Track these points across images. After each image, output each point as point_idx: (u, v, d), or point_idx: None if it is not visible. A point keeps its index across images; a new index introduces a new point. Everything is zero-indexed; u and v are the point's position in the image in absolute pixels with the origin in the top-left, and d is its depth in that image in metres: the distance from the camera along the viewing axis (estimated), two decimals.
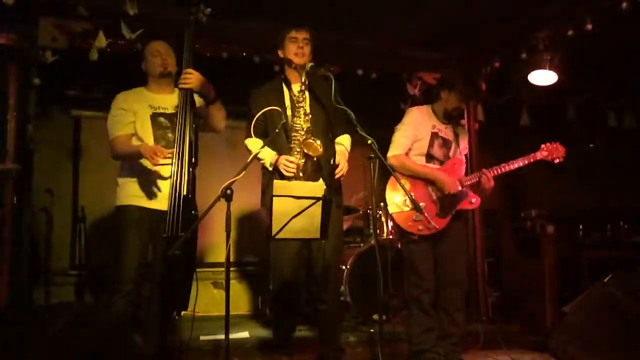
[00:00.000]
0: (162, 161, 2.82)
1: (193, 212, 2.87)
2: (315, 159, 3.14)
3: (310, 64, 3.18)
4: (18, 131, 3.76)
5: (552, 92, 4.86)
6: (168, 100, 3.18)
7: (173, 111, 3.12)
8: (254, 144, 3.28)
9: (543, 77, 4.60)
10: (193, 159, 2.95)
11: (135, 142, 3.08)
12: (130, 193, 3.05)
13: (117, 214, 3.09)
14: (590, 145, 6.06)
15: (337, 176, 3.23)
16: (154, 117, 3.11)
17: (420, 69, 5.09)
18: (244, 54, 4.54)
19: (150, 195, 3.03)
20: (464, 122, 5.03)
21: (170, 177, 2.88)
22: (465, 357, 3.66)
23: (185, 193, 2.85)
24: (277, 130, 3.00)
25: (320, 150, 3.07)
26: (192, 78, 2.99)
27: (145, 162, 2.96)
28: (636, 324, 3.33)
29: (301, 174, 3.12)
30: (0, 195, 3.62)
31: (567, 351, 3.62)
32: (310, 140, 3.09)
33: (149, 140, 3.06)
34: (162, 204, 2.98)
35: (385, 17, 4.30)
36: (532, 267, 4.85)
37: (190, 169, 2.92)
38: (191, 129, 2.96)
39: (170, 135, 3.08)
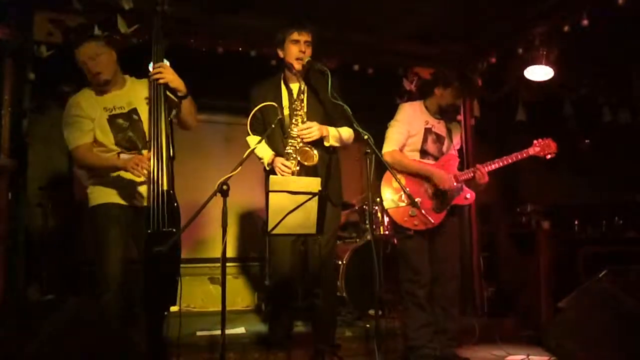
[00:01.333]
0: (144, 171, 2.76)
1: (175, 204, 2.82)
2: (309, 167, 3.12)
3: (307, 59, 3.16)
4: (13, 126, 3.75)
5: (548, 87, 4.87)
6: (122, 98, 3.04)
7: (130, 108, 3.01)
8: (253, 141, 3.24)
9: (539, 73, 4.61)
10: (171, 152, 2.88)
11: (95, 147, 2.98)
12: (105, 192, 2.97)
13: (93, 214, 2.99)
14: (586, 141, 6.08)
15: (300, 129, 3.12)
16: (112, 119, 2.99)
17: (416, 65, 5.09)
18: (240, 48, 4.53)
19: (126, 193, 2.97)
20: (460, 117, 5.05)
21: (148, 173, 2.80)
22: (461, 351, 3.67)
23: (165, 188, 2.80)
24: (273, 126, 2.98)
25: (316, 160, 3.06)
26: (166, 72, 2.90)
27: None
28: (631, 319, 3.35)
29: None
30: None
31: (562, 346, 3.63)
32: (307, 149, 3.07)
33: (111, 144, 2.97)
34: (138, 200, 2.94)
35: (381, 12, 4.29)
36: (528, 262, 4.87)
37: (169, 163, 2.85)
38: (166, 123, 2.88)
39: (131, 134, 2.99)
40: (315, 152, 3.07)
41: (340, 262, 4.45)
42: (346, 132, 3.27)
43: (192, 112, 3.06)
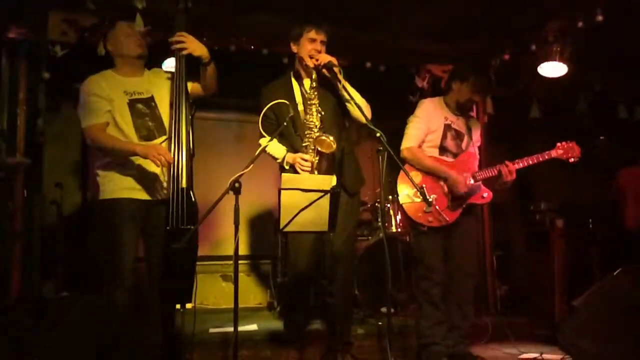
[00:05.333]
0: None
1: (193, 201, 2.82)
2: (329, 155, 3.10)
3: (322, 58, 3.14)
4: (28, 125, 3.79)
5: (561, 84, 4.82)
6: (142, 84, 3.02)
7: (148, 95, 3.00)
8: (270, 143, 3.19)
9: (553, 69, 4.57)
10: (191, 150, 2.87)
11: (113, 131, 2.92)
12: (119, 185, 2.92)
13: (105, 208, 2.93)
14: (601, 138, 6.01)
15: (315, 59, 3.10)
16: (132, 104, 2.94)
17: (429, 62, 5.07)
18: (252, 47, 4.54)
19: (140, 186, 2.94)
20: (473, 114, 5.01)
21: (169, 169, 2.81)
22: (473, 349, 3.66)
23: (184, 185, 2.79)
24: (285, 124, 2.98)
25: (334, 146, 3.02)
26: (188, 41, 2.90)
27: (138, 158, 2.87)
28: None
29: (316, 172, 3.07)
30: (11, 188, 3.65)
31: (576, 345, 3.61)
32: (323, 137, 3.04)
33: (130, 130, 2.92)
34: (152, 194, 2.93)
35: (393, 10, 4.28)
36: (541, 260, 4.84)
37: (189, 161, 2.84)
38: (187, 120, 2.87)
39: (150, 123, 2.96)
40: (332, 138, 3.03)
41: None
42: (364, 104, 3.17)
43: (215, 76, 3.05)
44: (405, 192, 3.44)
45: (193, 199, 2.83)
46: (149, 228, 2.94)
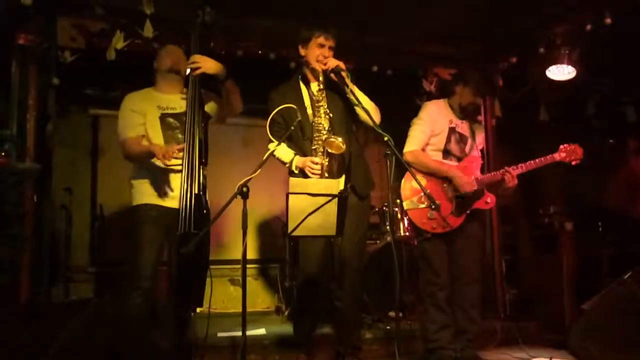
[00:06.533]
0: (173, 160, 2.87)
1: (205, 210, 2.90)
2: (339, 156, 3.10)
3: (330, 63, 3.15)
4: (38, 130, 3.81)
5: (570, 87, 4.80)
6: (176, 100, 3.19)
7: (181, 111, 3.13)
8: (278, 147, 3.20)
9: (561, 72, 4.55)
10: (203, 157, 2.97)
11: (144, 142, 3.10)
12: (146, 193, 3.07)
13: (132, 213, 3.11)
14: (610, 141, 5.97)
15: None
16: (163, 117, 3.13)
17: (436, 65, 5.06)
18: (260, 51, 4.55)
19: (165, 194, 3.05)
20: (481, 118, 5.00)
21: (181, 176, 2.90)
22: (482, 354, 3.64)
23: (196, 191, 2.87)
24: (292, 127, 2.99)
25: (343, 147, 3.02)
26: (202, 61, 3.02)
27: (158, 162, 2.97)
28: None
29: (326, 174, 3.07)
30: (21, 193, 3.67)
31: (586, 349, 3.58)
32: (332, 139, 3.05)
33: (159, 141, 3.08)
34: (176, 202, 3.00)
35: (401, 13, 4.27)
36: (550, 264, 4.80)
37: (201, 168, 2.94)
38: (200, 128, 2.99)
39: (180, 135, 3.10)
40: (340, 139, 3.03)
41: None
42: (372, 107, 3.18)
43: (235, 92, 3.17)
44: (409, 198, 3.43)
45: (205, 206, 2.88)
46: (172, 235, 3.00)
